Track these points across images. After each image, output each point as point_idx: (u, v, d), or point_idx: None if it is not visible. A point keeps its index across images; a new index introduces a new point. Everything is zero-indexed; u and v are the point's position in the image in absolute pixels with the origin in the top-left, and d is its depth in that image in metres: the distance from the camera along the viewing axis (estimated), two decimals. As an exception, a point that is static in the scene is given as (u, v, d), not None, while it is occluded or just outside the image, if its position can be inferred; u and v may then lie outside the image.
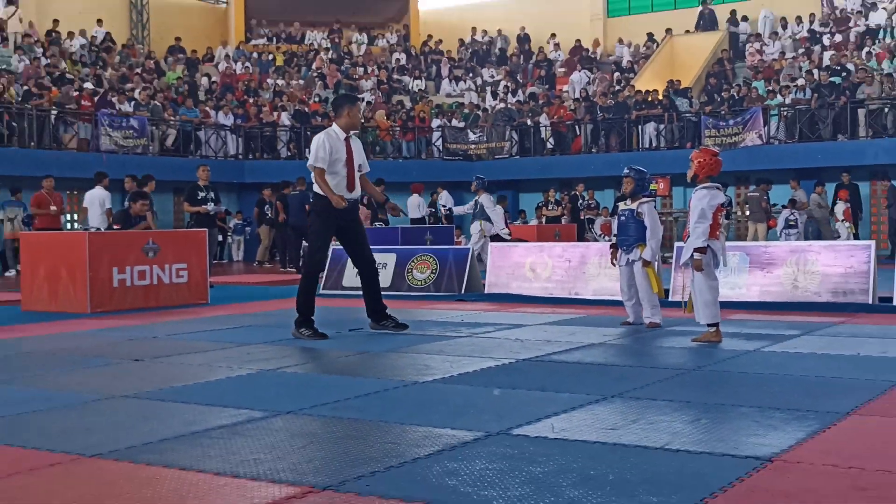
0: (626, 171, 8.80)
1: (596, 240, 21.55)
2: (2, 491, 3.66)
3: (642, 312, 8.70)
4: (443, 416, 4.89)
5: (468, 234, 19.52)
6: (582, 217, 23.41)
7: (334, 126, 8.54)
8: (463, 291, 12.44)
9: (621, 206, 8.91)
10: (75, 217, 21.93)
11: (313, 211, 8.60)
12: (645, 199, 8.69)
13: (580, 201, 22.44)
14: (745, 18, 29.89)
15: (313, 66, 32.08)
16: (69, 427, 4.79)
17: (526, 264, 12.50)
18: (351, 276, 13.14)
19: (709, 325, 7.60)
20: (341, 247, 9.11)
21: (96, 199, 14.73)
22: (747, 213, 21.50)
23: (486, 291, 12.55)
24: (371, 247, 9.17)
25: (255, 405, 5.19)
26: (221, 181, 23.60)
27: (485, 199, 16.91)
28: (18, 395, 5.72)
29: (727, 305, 10.33)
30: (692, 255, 7.34)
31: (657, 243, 8.58)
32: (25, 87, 23.12)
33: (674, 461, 3.91)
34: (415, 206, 21.57)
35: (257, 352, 7.46)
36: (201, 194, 14.43)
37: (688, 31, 30.62)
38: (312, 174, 8.30)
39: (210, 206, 14.39)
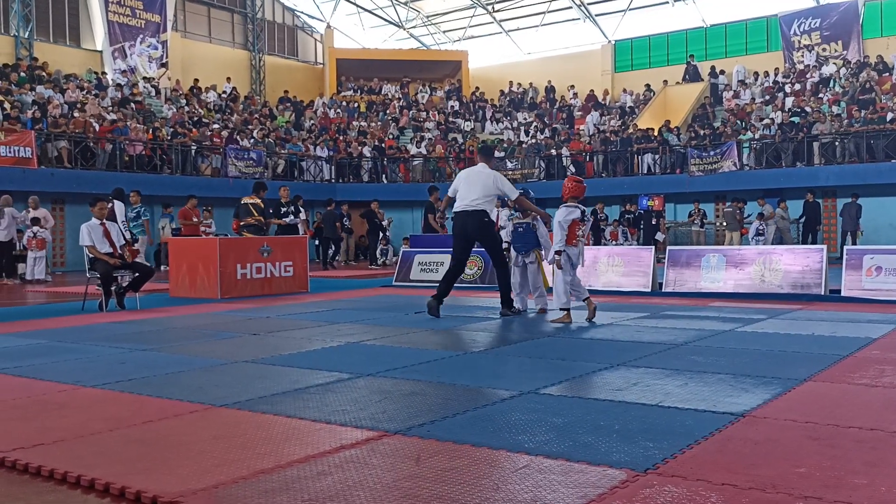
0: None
1: (605, 244, 21.28)
2: (158, 429, 3.73)
3: (529, 301, 8.82)
4: (484, 378, 4.87)
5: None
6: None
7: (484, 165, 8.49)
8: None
9: (515, 220, 8.85)
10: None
11: (492, 226, 8.37)
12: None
13: (597, 214, 22.18)
14: (722, 72, 29.33)
15: (388, 112, 32.20)
16: (203, 384, 4.83)
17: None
18: (416, 270, 13.15)
19: (561, 309, 7.74)
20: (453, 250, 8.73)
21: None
22: (724, 224, 21.10)
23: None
24: (433, 249, 9.22)
25: (342, 369, 5.21)
26: (318, 199, 23.78)
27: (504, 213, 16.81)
28: (167, 360, 5.80)
29: (709, 295, 10.20)
30: (553, 256, 7.72)
31: (546, 247, 8.60)
32: (173, 129, 23.53)
33: (665, 415, 3.85)
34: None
35: (345, 328, 7.47)
36: (283, 209, 14.71)
37: (678, 83, 30.15)
38: (514, 196, 8.30)
39: (289, 218, 14.68)
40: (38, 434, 3.61)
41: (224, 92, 29.43)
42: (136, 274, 9.81)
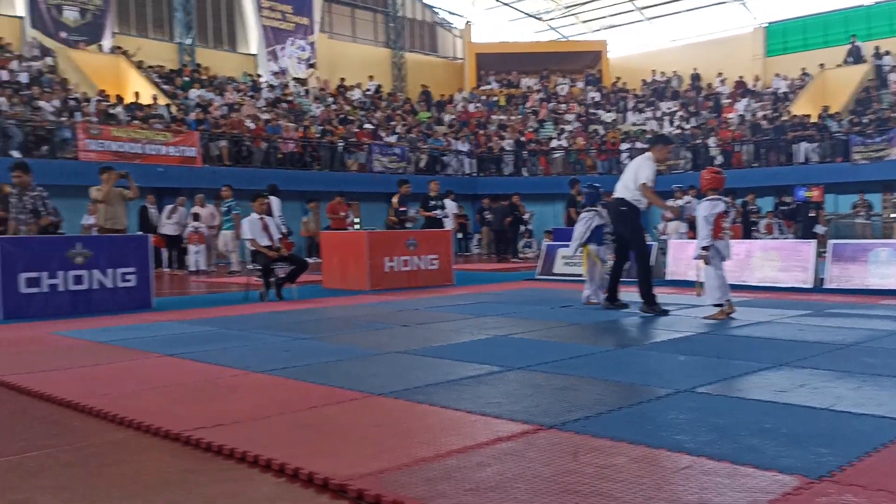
0: (583, 188, 9.15)
1: (758, 238, 20.29)
2: (323, 415, 3.90)
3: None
4: (638, 375, 4.78)
5: (652, 233, 18.89)
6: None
7: (650, 154, 8.00)
8: (648, 278, 12.04)
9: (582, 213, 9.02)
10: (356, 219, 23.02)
11: (632, 215, 7.97)
12: (588, 210, 8.91)
13: (748, 206, 21.16)
14: (887, 52, 27.20)
15: (527, 104, 32.10)
16: (360, 373, 5.01)
17: (700, 257, 11.97)
18: (560, 264, 13.07)
19: (715, 305, 7.48)
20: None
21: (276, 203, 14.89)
22: (892, 215, 19.60)
23: (666, 278, 12.12)
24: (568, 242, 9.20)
25: (493, 362, 5.25)
26: (459, 193, 24.07)
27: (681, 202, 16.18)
28: (324, 348, 6.06)
29: (879, 293, 9.52)
30: (700, 251, 7.45)
31: (575, 243, 8.96)
32: (321, 127, 24.50)
33: (838, 420, 3.63)
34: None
35: (492, 321, 7.53)
36: (431, 203, 14.83)
37: (838, 65, 28.23)
38: (640, 189, 7.78)
39: (438, 212, 14.79)
40: (216, 415, 3.88)
41: (368, 89, 30.31)
42: (293, 266, 10.31)
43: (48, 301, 8.64)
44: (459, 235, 21.27)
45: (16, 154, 17.08)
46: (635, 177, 7.90)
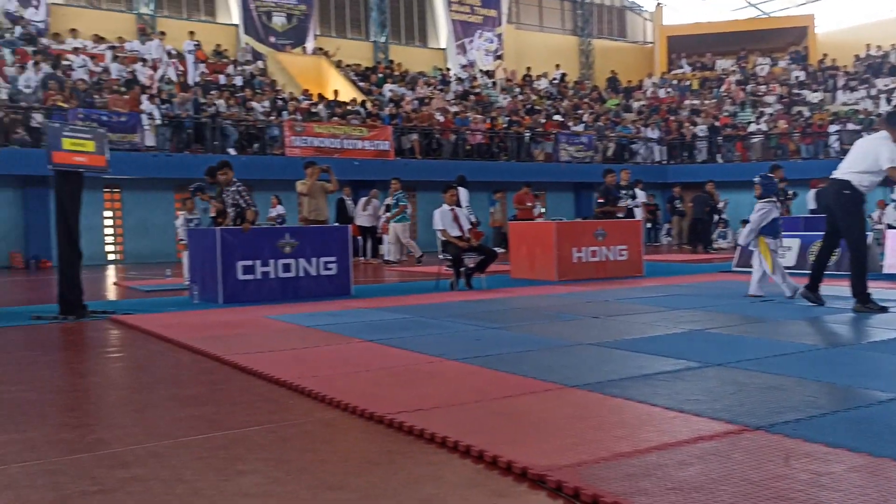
0: (755, 178, 8.61)
1: None
2: (517, 404, 3.94)
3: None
4: (855, 376, 4.39)
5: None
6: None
7: (885, 134, 7.10)
8: (861, 271, 11.10)
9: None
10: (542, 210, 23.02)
11: (854, 201, 7.20)
12: (766, 200, 8.52)
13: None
14: None
15: (722, 88, 30.51)
16: (552, 364, 5.01)
17: (923, 249, 10.87)
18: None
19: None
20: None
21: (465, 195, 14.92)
22: None
23: (883, 271, 11.11)
24: (774, 233, 8.55)
25: (689, 357, 5.07)
26: (648, 182, 23.39)
27: None
28: (516, 338, 6.12)
29: None
30: None
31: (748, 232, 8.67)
32: (508, 118, 24.68)
33: None
34: (811, 199, 19.60)
35: (686, 315, 7.26)
36: (622, 192, 14.44)
37: None
38: (887, 172, 6.91)
39: (628, 202, 14.38)
40: (416, 400, 4.04)
41: (554, 78, 30.13)
42: (482, 256, 10.50)
43: (261, 287, 9.36)
44: (649, 225, 20.63)
45: (232, 151, 18.64)
46: (874, 159, 7.00)
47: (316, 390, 4.27)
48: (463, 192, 14.55)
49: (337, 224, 14.43)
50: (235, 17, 25.29)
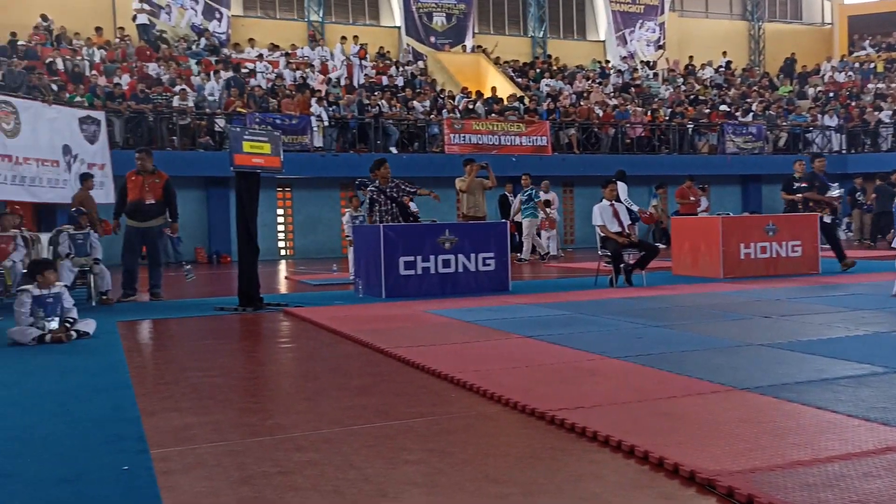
0: None
1: None
2: (682, 405, 3.81)
3: None
4: None
5: None
6: None
7: None
8: None
9: None
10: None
11: None
12: None
13: None
14: None
15: (912, 69, 28.01)
16: (719, 364, 4.81)
17: None
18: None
19: None
20: None
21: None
22: None
23: None
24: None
25: (875, 361, 4.70)
26: (830, 172, 21.83)
27: None
28: (679, 337, 5.93)
29: None
30: None
31: None
32: (670, 109, 23.87)
33: None
34: None
35: (870, 316, 6.73)
36: (796, 185, 13.48)
37: None
38: None
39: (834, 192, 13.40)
40: (577, 397, 4.01)
41: (720, 66, 28.80)
42: (643, 252, 10.23)
43: (421, 282, 9.60)
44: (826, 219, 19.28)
45: (393, 150, 19.24)
46: None
47: (477, 384, 4.33)
48: (622, 187, 14.22)
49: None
50: (398, 19, 26.05)
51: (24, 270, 8.49)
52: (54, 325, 6.51)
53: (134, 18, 22.21)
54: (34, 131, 12.27)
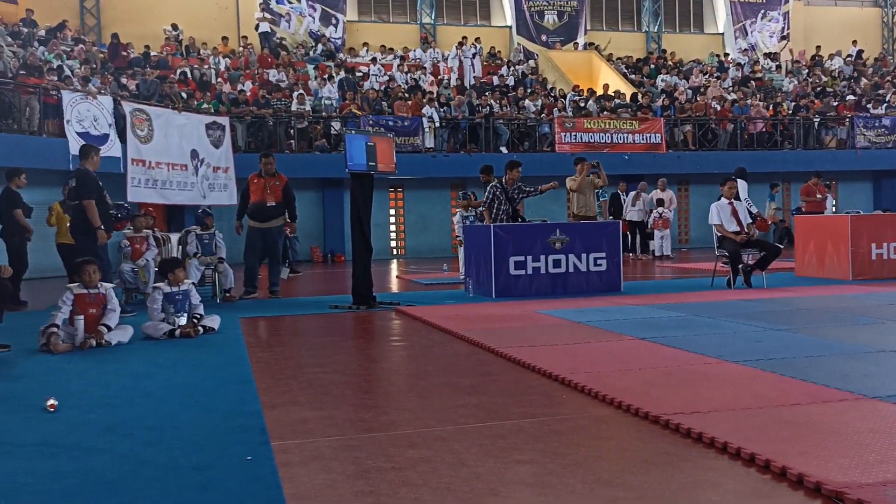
0: None
1: None
2: (806, 413, 3.64)
3: None
4: None
5: None
6: None
7: None
8: None
9: None
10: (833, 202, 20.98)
11: None
12: None
13: None
14: None
15: None
16: (848, 371, 4.58)
17: None
18: None
19: None
20: None
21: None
22: None
23: None
24: None
25: None
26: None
27: None
28: (803, 341, 5.67)
29: None
30: None
31: None
32: (794, 102, 22.80)
33: None
34: None
35: None
36: None
37: None
38: None
39: None
40: (693, 402, 3.91)
41: (850, 56, 27.25)
42: (763, 252, 9.83)
43: (531, 282, 9.57)
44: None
45: (503, 150, 19.25)
46: None
47: (588, 386, 4.29)
48: (742, 185, 13.69)
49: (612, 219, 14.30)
50: (509, 18, 26.03)
51: (156, 269, 9.00)
52: (183, 320, 6.89)
53: (256, 27, 23.15)
54: (166, 137, 13.00)
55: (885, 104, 23.02)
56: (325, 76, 20.77)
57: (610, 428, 3.66)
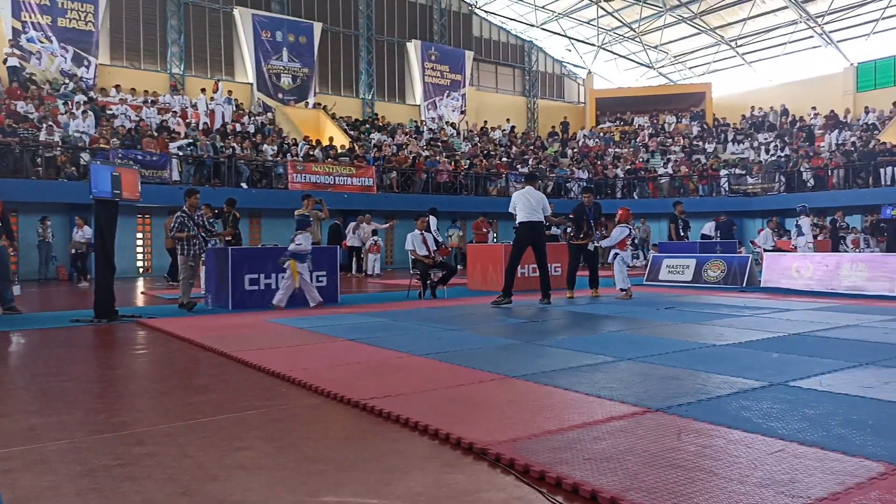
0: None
1: (846, 251, 18.51)
2: (467, 392, 3.90)
3: None
4: (735, 369, 4.47)
5: (748, 248, 17.72)
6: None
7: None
8: (744, 285, 11.32)
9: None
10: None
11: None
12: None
13: (837, 223, 19.37)
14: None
15: (638, 139, 30.99)
16: (498, 359, 4.97)
17: (792, 267, 11.09)
18: (665, 272, 12.49)
19: (621, 290, 9.47)
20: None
21: None
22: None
23: (761, 285, 11.32)
24: (678, 255, 8.70)
25: (606, 353, 5.10)
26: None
27: (803, 222, 14.17)
28: (470, 338, 6.05)
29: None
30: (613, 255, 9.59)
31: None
32: (469, 161, 24.74)
33: (925, 416, 3.25)
34: (709, 228, 19.78)
35: (606, 322, 7.31)
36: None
37: (926, 97, 25.29)
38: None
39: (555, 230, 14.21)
40: (386, 388, 4.00)
41: (506, 130, 30.36)
42: (444, 271, 10.47)
43: (263, 296, 9.23)
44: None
45: (244, 186, 18.42)
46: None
47: (303, 380, 4.21)
48: (432, 220, 14.52)
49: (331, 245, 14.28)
50: (251, 76, 25.12)
51: None
52: None
53: (4, 62, 19.78)
54: None
55: (528, 166, 25.94)
56: (78, 111, 18.33)
57: (319, 414, 3.61)
